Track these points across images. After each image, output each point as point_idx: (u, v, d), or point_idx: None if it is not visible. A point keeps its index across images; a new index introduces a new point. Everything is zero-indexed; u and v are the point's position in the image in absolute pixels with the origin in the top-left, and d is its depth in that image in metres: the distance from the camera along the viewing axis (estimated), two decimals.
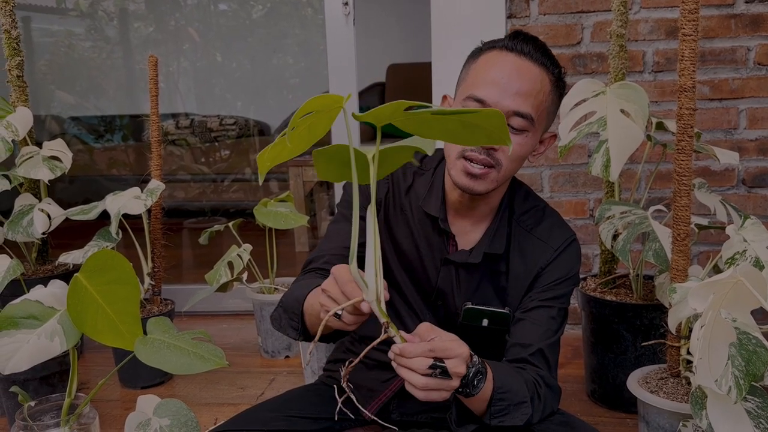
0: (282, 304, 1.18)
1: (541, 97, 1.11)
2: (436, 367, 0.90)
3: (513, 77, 1.09)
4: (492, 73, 1.11)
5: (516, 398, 1.06)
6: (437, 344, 0.91)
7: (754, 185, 2.09)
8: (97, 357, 2.10)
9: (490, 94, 1.09)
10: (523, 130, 1.11)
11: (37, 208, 1.87)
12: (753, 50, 2.02)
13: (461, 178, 1.13)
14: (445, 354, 0.91)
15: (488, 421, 1.05)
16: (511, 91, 1.09)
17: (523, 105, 1.09)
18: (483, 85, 1.10)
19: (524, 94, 1.09)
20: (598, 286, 1.73)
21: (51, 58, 4.13)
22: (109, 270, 1.04)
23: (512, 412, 1.06)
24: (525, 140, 1.12)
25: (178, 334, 1.11)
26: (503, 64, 1.11)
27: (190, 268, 3.19)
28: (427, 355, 0.90)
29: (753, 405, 1.09)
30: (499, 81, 1.09)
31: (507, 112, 1.09)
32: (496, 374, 1.05)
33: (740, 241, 1.23)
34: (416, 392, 0.91)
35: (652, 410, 1.28)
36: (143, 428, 1.01)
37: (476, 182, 1.12)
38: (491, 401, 1.04)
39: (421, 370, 0.90)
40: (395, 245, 1.25)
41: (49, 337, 1.07)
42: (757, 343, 1.03)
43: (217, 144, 3.91)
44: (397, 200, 1.25)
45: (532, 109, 1.10)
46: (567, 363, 1.97)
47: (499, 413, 1.05)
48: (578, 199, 2.16)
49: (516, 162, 1.15)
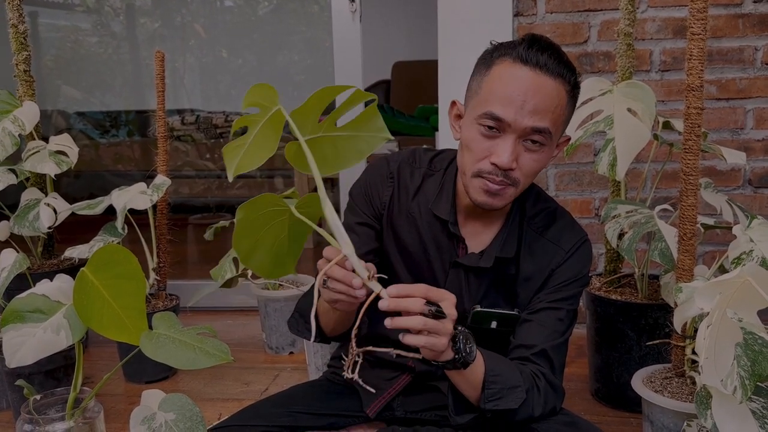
0: (298, 310, 1.23)
1: (559, 111, 1.09)
2: (431, 304, 0.92)
3: (530, 94, 1.06)
4: (507, 89, 1.07)
5: (509, 382, 1.07)
6: (431, 289, 0.94)
7: (761, 185, 2.08)
8: (102, 351, 2.10)
9: (507, 112, 1.06)
10: (541, 144, 1.09)
11: (43, 203, 1.87)
12: (761, 50, 2.01)
13: (480, 195, 1.12)
14: (437, 296, 0.94)
15: (483, 406, 1.05)
16: (528, 108, 1.06)
17: (541, 121, 1.07)
18: (498, 102, 1.07)
19: (542, 111, 1.06)
20: (603, 285, 1.72)
21: (57, 54, 4.14)
22: (116, 265, 1.05)
23: (506, 396, 1.06)
24: (541, 156, 1.11)
25: (183, 329, 1.11)
26: (520, 79, 1.07)
27: (195, 263, 3.19)
28: (420, 295, 0.93)
29: (758, 405, 1.09)
30: (515, 99, 1.06)
31: (525, 129, 1.06)
32: (487, 358, 1.06)
33: (747, 241, 1.22)
34: (414, 338, 0.93)
35: (656, 410, 1.28)
36: (148, 422, 1.01)
37: (495, 199, 1.11)
38: (484, 385, 1.05)
39: (418, 309, 0.91)
40: (400, 247, 1.24)
41: (55, 330, 1.07)
42: (763, 343, 1.03)
43: (223, 140, 3.91)
44: (403, 202, 1.23)
45: (550, 123, 1.08)
46: (571, 362, 1.97)
47: (493, 397, 1.05)
48: (584, 198, 2.15)
49: (532, 176, 1.14)
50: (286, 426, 1.21)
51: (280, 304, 2.04)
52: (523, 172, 1.10)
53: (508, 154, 1.07)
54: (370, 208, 1.25)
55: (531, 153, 1.09)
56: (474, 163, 1.10)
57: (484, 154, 1.09)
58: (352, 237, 1.23)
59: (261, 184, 3.83)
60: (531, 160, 1.09)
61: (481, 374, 1.05)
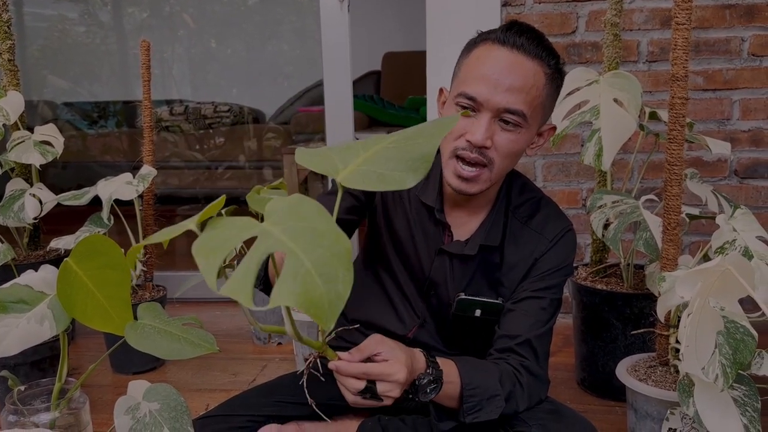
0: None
1: (535, 92, 1.09)
2: (366, 391, 0.93)
3: (504, 73, 1.07)
4: (483, 68, 1.09)
5: (487, 393, 1.07)
6: (372, 369, 0.93)
7: (746, 176, 2.10)
8: (89, 343, 2.10)
9: (481, 91, 1.07)
10: (516, 126, 1.09)
11: (29, 193, 1.86)
12: (747, 41, 2.02)
13: (453, 180, 1.12)
14: (380, 378, 0.94)
15: (463, 419, 1.06)
16: (502, 87, 1.07)
17: (515, 102, 1.07)
18: (474, 81, 1.09)
19: (516, 90, 1.07)
20: (589, 275, 1.73)
21: (44, 43, 4.10)
22: (100, 255, 1.04)
23: (485, 407, 1.07)
24: (518, 137, 1.10)
25: (168, 319, 1.11)
26: (495, 59, 1.08)
27: (183, 255, 3.18)
28: (360, 377, 0.93)
29: (739, 393, 1.10)
30: (489, 77, 1.07)
31: (498, 108, 1.07)
32: (464, 371, 1.06)
33: (730, 231, 1.23)
34: (348, 401, 0.96)
35: (640, 398, 1.29)
36: (132, 412, 1.01)
37: (468, 185, 1.12)
38: (462, 398, 1.05)
39: (352, 390, 0.93)
40: (392, 233, 1.25)
41: (38, 321, 1.07)
42: (744, 331, 1.04)
43: (212, 131, 3.90)
44: None
45: (525, 105, 1.08)
46: (557, 351, 1.98)
47: (471, 410, 1.06)
48: (571, 189, 2.16)
49: (510, 158, 1.13)
50: (272, 415, 1.22)
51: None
52: (499, 153, 1.10)
53: (482, 131, 1.07)
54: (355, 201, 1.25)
55: (507, 132, 1.10)
56: (451, 141, 1.12)
57: (461, 132, 1.10)
58: (334, 197, 1.23)
59: (250, 175, 3.82)
60: (507, 140, 1.10)
61: (456, 392, 1.05)
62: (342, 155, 0.79)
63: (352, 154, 0.79)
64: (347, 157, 0.79)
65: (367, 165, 0.77)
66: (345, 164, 0.78)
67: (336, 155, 0.79)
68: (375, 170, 0.76)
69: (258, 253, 0.62)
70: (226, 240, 0.67)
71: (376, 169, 0.76)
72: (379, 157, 0.78)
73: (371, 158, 0.78)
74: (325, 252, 0.61)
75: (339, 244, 0.61)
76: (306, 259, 0.60)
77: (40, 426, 1.09)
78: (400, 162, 0.75)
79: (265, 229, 0.64)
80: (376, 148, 0.79)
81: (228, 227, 0.70)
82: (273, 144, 3.86)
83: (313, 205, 0.65)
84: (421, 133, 0.80)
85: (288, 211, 0.66)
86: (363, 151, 0.80)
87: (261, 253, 0.62)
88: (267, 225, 0.65)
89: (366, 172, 0.76)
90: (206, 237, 0.69)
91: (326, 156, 0.80)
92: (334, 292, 0.59)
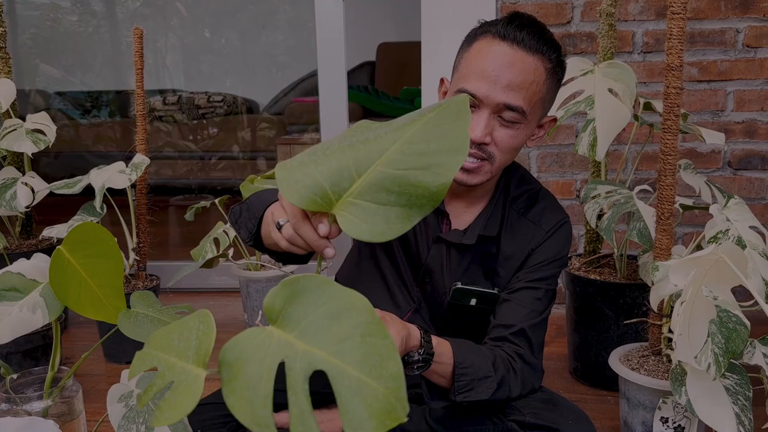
0: (247, 202, 1.13)
1: (535, 87, 1.08)
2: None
3: (504, 69, 1.06)
4: (482, 64, 1.08)
5: (479, 373, 1.07)
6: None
7: (740, 167, 2.10)
8: (82, 332, 2.09)
9: (479, 87, 1.07)
10: (515, 122, 1.09)
11: (21, 182, 1.85)
12: (742, 32, 2.02)
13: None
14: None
15: (454, 398, 1.06)
16: (501, 84, 1.06)
17: (515, 98, 1.06)
18: (473, 77, 1.08)
19: (515, 87, 1.06)
20: (583, 265, 1.74)
21: (36, 32, 4.07)
22: (93, 243, 1.03)
23: (476, 387, 1.06)
24: (517, 132, 1.10)
25: (162, 308, 1.10)
26: (495, 54, 1.07)
27: (176, 245, 3.18)
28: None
29: (731, 382, 1.10)
30: (489, 74, 1.06)
31: (497, 105, 1.07)
32: (457, 351, 1.06)
33: (723, 221, 1.23)
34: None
35: (632, 387, 1.30)
36: (125, 400, 1.00)
37: (470, 176, 1.12)
38: (453, 377, 1.05)
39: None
40: None
41: (31, 309, 1.06)
42: (737, 321, 1.04)
43: (205, 121, 3.88)
44: None
45: (524, 102, 1.07)
46: (550, 341, 1.99)
47: (462, 389, 1.06)
48: (565, 180, 2.16)
49: (510, 153, 1.13)
50: None
51: (261, 284, 2.03)
52: (499, 148, 1.10)
53: (481, 128, 1.07)
54: None
55: (506, 128, 1.09)
56: None
57: None
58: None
59: (243, 165, 3.81)
60: (506, 136, 1.10)
61: (449, 370, 1.05)
62: (332, 177, 0.62)
63: (343, 177, 0.62)
64: (338, 181, 0.62)
65: (365, 197, 0.62)
66: (337, 192, 0.62)
67: (323, 178, 0.62)
68: (376, 208, 0.60)
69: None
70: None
71: (377, 205, 0.61)
72: (378, 185, 0.61)
73: (369, 187, 0.62)
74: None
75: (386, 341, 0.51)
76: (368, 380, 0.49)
77: (33, 414, 1.09)
78: (402, 195, 0.60)
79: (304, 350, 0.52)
80: (373, 170, 0.62)
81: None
82: (267, 134, 3.84)
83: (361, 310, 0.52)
84: (429, 142, 0.62)
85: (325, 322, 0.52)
86: (355, 170, 0.62)
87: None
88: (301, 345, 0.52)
89: (366, 210, 0.61)
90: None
91: (312, 178, 0.63)
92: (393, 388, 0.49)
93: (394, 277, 1.26)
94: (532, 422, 1.11)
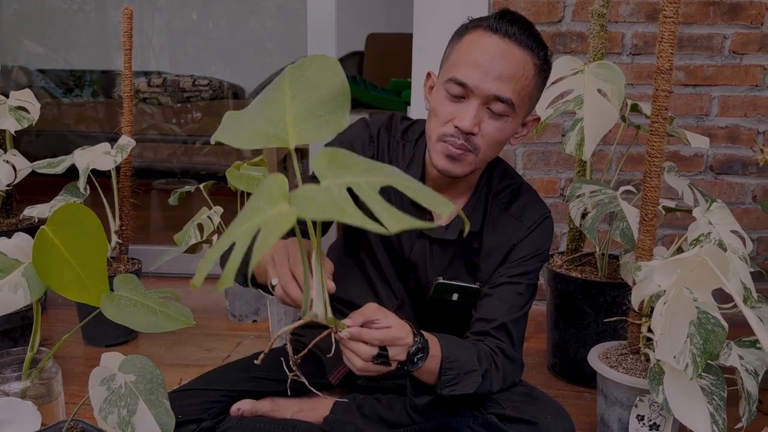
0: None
1: (524, 81, 1.10)
2: (379, 356, 0.93)
3: (495, 60, 1.08)
4: (474, 55, 1.09)
5: (465, 367, 1.08)
6: (386, 334, 0.93)
7: (721, 172, 2.13)
8: (61, 314, 2.07)
9: (471, 77, 1.08)
10: (503, 114, 1.10)
11: (2, 159, 1.82)
12: (729, 38, 2.05)
13: (440, 160, 1.13)
14: (392, 342, 0.94)
15: (440, 392, 1.07)
16: (492, 74, 1.07)
17: (504, 89, 1.08)
18: (464, 67, 1.09)
19: (506, 78, 1.08)
20: (565, 263, 1.76)
21: (20, 8, 3.99)
22: (77, 224, 1.02)
23: (462, 381, 1.08)
24: (504, 125, 1.12)
25: (145, 292, 1.10)
26: (486, 46, 1.09)
27: (158, 229, 3.15)
28: (375, 343, 0.92)
29: (707, 382, 1.13)
30: (480, 64, 1.08)
31: (487, 96, 1.08)
32: (444, 345, 1.07)
33: (706, 224, 1.25)
34: (354, 369, 0.95)
35: (610, 384, 1.32)
36: (108, 383, 1.00)
37: (454, 164, 1.12)
38: (441, 372, 1.07)
39: (365, 357, 0.92)
40: (372, 213, 1.25)
41: (12, 289, 1.05)
42: (715, 322, 1.06)
43: (190, 105, 3.84)
44: None
45: (513, 94, 1.09)
46: (530, 337, 2.01)
47: (449, 383, 1.07)
48: (550, 178, 2.18)
49: (495, 146, 1.14)
50: (248, 391, 1.22)
51: None
52: (485, 140, 1.11)
53: (470, 118, 1.08)
54: None
55: (494, 120, 1.10)
56: (438, 126, 1.12)
57: (449, 117, 1.11)
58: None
59: (228, 151, 3.78)
60: (494, 128, 1.11)
61: (436, 365, 1.06)
62: (269, 117, 0.79)
63: (278, 112, 0.79)
64: (275, 117, 0.79)
65: (305, 122, 0.77)
66: (284, 128, 0.77)
67: (263, 121, 0.79)
68: (315, 121, 0.77)
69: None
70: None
71: (315, 119, 0.76)
72: (306, 109, 0.78)
73: (302, 114, 0.78)
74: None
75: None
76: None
77: (11, 395, 1.08)
78: (325, 106, 0.76)
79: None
80: (296, 104, 0.79)
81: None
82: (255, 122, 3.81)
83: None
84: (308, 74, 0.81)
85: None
86: (283, 110, 0.79)
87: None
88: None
89: (312, 126, 0.77)
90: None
91: (255, 124, 0.79)
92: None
93: (376, 274, 1.27)
94: (512, 415, 1.12)
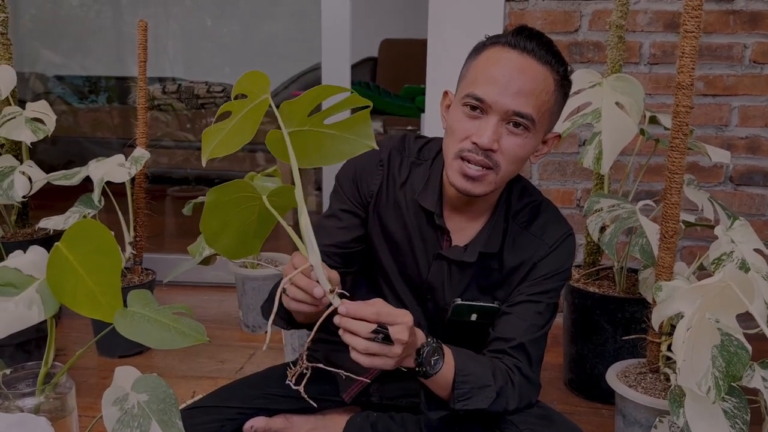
0: (270, 295, 1.19)
1: (544, 96, 1.07)
2: (378, 332, 0.91)
3: (514, 75, 1.05)
4: (493, 70, 1.07)
5: (479, 381, 1.06)
6: (382, 309, 0.92)
7: (741, 183, 2.10)
8: (75, 323, 2.07)
9: (490, 92, 1.05)
10: (523, 131, 1.07)
11: (18, 171, 1.83)
12: (750, 48, 2.02)
13: (458, 179, 1.10)
14: (389, 319, 0.92)
15: (453, 406, 1.06)
16: (511, 90, 1.05)
17: (524, 105, 1.05)
18: (483, 83, 1.07)
19: (526, 94, 1.05)
20: (582, 277, 1.73)
21: (36, 14, 4.02)
22: (91, 240, 1.02)
23: (476, 395, 1.06)
24: (525, 141, 1.08)
25: (158, 308, 1.09)
26: (505, 61, 1.06)
27: (172, 237, 3.15)
28: (371, 319, 0.91)
29: (730, 405, 1.10)
30: (499, 79, 1.05)
31: (507, 111, 1.05)
32: (458, 358, 1.06)
33: (728, 242, 1.23)
34: (359, 357, 0.92)
35: (629, 404, 1.29)
36: (120, 403, 0.99)
37: (473, 185, 1.09)
38: (454, 384, 1.05)
39: (364, 334, 0.90)
40: (386, 236, 1.23)
41: (27, 305, 1.05)
42: (738, 345, 1.04)
43: (204, 111, 3.85)
44: (390, 192, 1.22)
45: (533, 110, 1.06)
46: (546, 351, 1.95)
47: (462, 397, 1.05)
48: (566, 189, 2.15)
49: (515, 164, 1.11)
50: (262, 408, 1.21)
51: (258, 282, 2.02)
52: (505, 156, 1.08)
53: (489, 134, 1.06)
54: (357, 195, 1.23)
55: (513, 136, 1.08)
56: (456, 143, 1.09)
57: (466, 134, 1.08)
58: (336, 223, 1.22)
59: (243, 158, 3.78)
60: (513, 144, 1.08)
61: (450, 376, 1.04)
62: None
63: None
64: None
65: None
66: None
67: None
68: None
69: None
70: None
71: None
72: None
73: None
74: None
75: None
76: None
77: (25, 410, 1.08)
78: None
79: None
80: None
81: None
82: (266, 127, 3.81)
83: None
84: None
85: None
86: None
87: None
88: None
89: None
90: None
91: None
92: None
93: (392, 298, 1.25)
94: None
